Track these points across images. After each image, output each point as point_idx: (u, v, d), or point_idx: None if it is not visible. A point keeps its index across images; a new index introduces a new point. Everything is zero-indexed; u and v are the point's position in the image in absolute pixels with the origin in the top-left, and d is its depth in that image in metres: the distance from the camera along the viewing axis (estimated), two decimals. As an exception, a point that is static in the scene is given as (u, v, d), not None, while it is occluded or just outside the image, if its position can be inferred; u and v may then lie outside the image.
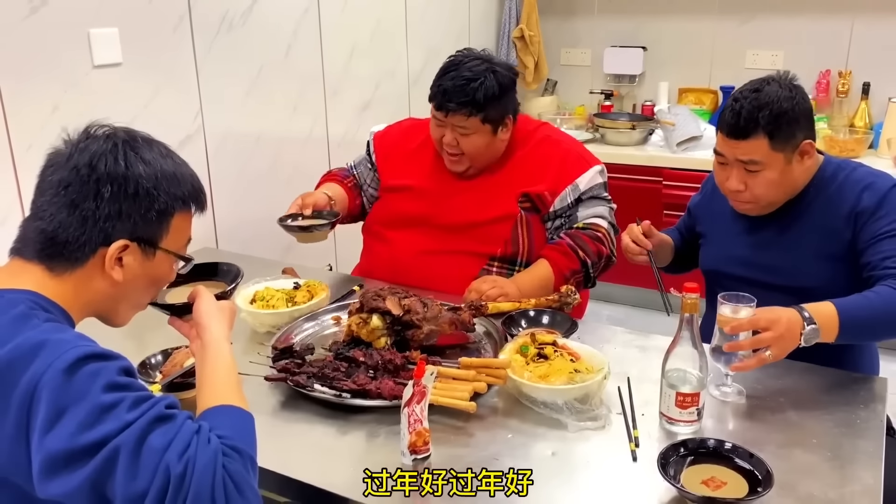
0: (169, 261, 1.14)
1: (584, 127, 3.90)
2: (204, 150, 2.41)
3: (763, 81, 1.64)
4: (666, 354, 1.36)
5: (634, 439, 1.32)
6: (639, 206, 3.12)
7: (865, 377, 1.57)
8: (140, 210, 1.06)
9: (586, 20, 4.13)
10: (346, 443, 1.36)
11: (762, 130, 1.59)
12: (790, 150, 1.62)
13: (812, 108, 1.67)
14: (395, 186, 2.15)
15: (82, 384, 0.93)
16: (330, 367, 1.50)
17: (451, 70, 1.96)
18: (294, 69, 2.73)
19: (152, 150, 1.09)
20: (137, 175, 1.06)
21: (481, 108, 1.93)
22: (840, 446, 1.32)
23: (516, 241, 2.02)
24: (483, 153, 2.01)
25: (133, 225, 1.06)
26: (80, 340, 0.98)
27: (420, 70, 3.43)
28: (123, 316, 1.17)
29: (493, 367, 1.46)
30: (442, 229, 2.05)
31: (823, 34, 3.58)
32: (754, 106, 1.60)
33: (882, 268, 1.54)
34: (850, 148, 3.31)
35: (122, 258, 1.07)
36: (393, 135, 2.26)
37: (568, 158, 2.06)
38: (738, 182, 1.66)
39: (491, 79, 1.93)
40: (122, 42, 2.08)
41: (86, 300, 1.09)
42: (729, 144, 1.64)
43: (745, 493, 1.15)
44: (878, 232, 1.58)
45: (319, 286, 1.87)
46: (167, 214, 1.10)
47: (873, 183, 1.64)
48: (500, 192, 2.04)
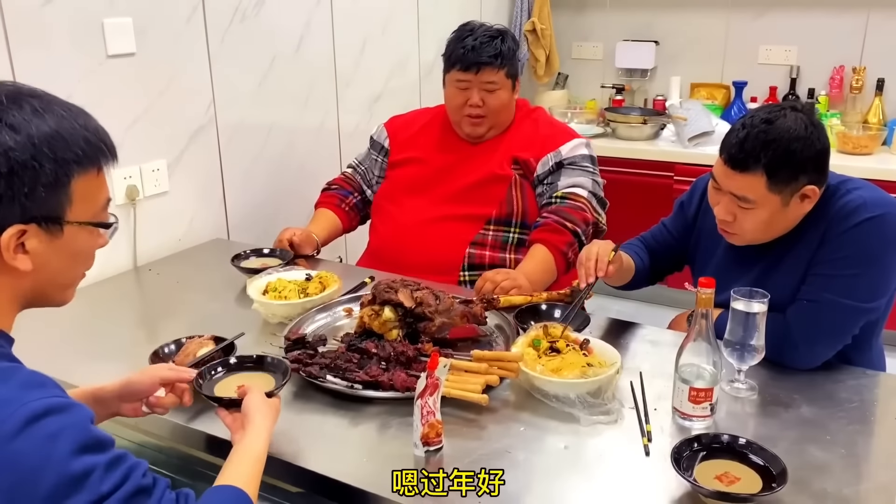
0: (84, 232, 0.98)
1: (596, 121, 3.88)
2: (216, 141, 2.41)
3: (779, 111, 1.49)
4: (679, 349, 1.36)
5: (647, 434, 1.32)
6: (650, 202, 3.12)
7: (879, 375, 1.56)
8: (23, 188, 0.88)
9: (598, 14, 4.11)
10: (358, 434, 1.36)
11: (762, 168, 1.46)
12: (789, 193, 1.48)
13: (828, 150, 1.50)
14: (399, 161, 2.26)
15: (41, 449, 0.81)
16: (342, 359, 1.50)
17: (467, 35, 2.11)
18: (306, 61, 2.73)
19: (22, 110, 0.89)
20: (6, 148, 0.87)
21: (508, 59, 2.10)
22: (854, 444, 1.31)
23: (510, 202, 2.11)
24: (504, 110, 2.15)
25: (21, 207, 0.89)
26: (26, 394, 0.83)
27: (431, 62, 3.42)
28: (60, 297, 1.03)
29: (505, 360, 1.46)
30: (441, 196, 2.15)
31: (838, 29, 3.55)
32: (761, 140, 1.46)
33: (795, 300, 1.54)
34: (863, 144, 3.29)
35: (24, 244, 0.92)
36: (400, 120, 2.37)
37: (555, 130, 2.21)
38: (726, 212, 1.55)
39: (508, 38, 2.13)
40: (136, 32, 2.08)
41: (5, 299, 0.95)
42: (725, 173, 1.52)
43: (758, 488, 1.14)
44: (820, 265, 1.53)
45: (331, 278, 1.87)
46: (60, 184, 0.92)
47: (857, 209, 1.50)
48: (497, 157, 2.15)
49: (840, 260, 1.50)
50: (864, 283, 1.50)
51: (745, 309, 1.42)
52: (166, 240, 2.29)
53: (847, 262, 1.50)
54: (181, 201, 2.32)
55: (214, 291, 1.99)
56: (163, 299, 2.02)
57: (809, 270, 1.55)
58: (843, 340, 1.54)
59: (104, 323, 1.84)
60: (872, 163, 3.20)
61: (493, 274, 1.87)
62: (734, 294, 1.43)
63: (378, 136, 2.34)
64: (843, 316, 1.51)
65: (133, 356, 1.56)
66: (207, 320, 1.80)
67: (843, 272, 1.50)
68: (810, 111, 1.52)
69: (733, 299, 1.43)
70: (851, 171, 3.08)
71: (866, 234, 1.49)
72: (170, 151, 2.26)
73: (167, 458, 1.46)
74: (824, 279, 1.52)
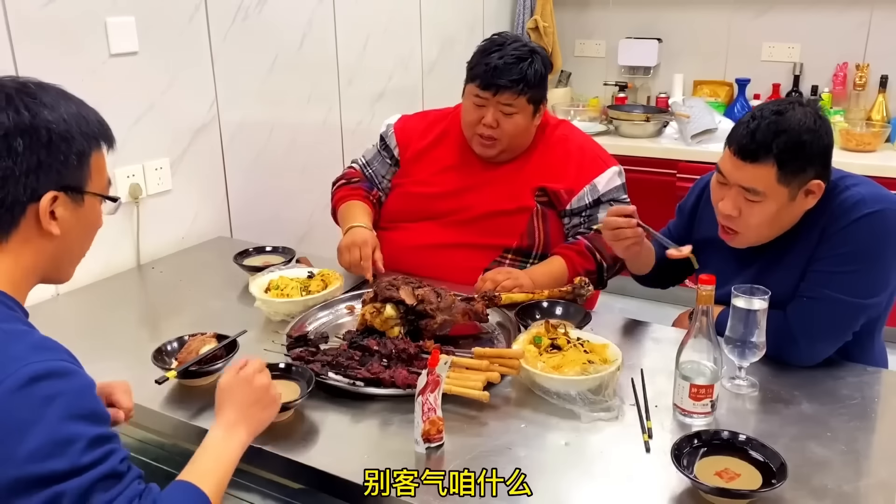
0: (97, 205, 1.09)
1: (598, 119, 3.88)
2: (219, 140, 2.42)
3: (788, 104, 1.49)
4: (680, 346, 1.36)
5: (648, 430, 1.32)
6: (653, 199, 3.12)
7: (880, 371, 1.56)
8: (59, 157, 1.01)
9: (601, 11, 4.11)
10: (360, 430, 1.37)
11: (773, 158, 1.46)
12: (796, 186, 1.48)
13: (832, 146, 1.51)
14: (412, 177, 2.14)
15: (36, 408, 0.87)
16: (344, 356, 1.51)
17: (495, 50, 1.95)
18: (309, 59, 2.73)
19: (49, 94, 1.03)
20: (46, 121, 1.00)
21: (531, 86, 1.94)
22: (855, 440, 1.31)
23: (532, 234, 2.01)
24: (521, 135, 2.01)
25: (57, 174, 1.01)
26: (33, 355, 0.91)
27: (434, 60, 3.43)
28: (66, 272, 1.12)
29: (506, 357, 1.47)
30: (457, 221, 2.04)
31: (841, 26, 3.54)
32: (772, 129, 1.46)
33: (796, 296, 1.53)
34: (866, 141, 3.29)
35: (55, 211, 1.02)
36: (413, 125, 2.22)
37: (585, 158, 2.05)
38: (732, 206, 1.53)
39: (538, 60, 1.96)
40: (139, 31, 2.09)
41: (27, 266, 1.03)
42: (734, 164, 1.51)
43: (758, 485, 1.14)
44: (819, 262, 1.52)
45: (333, 275, 1.88)
46: (87, 155, 1.05)
47: (856, 205, 1.50)
48: (518, 185, 2.03)
49: (839, 256, 1.50)
50: (863, 279, 1.50)
51: (746, 306, 1.42)
52: (169, 238, 2.30)
53: (846, 259, 1.49)
54: (184, 199, 2.32)
55: (217, 289, 2.00)
56: (166, 297, 2.03)
57: (809, 267, 1.55)
58: (844, 337, 1.54)
59: (107, 320, 1.85)
60: (876, 160, 3.20)
61: (493, 273, 1.86)
62: (735, 291, 1.43)
63: (388, 140, 2.21)
64: (843, 312, 1.51)
65: (136, 354, 1.57)
66: (210, 318, 1.81)
67: (843, 269, 1.50)
68: (815, 106, 1.52)
69: (734, 296, 1.43)
70: (854, 169, 3.07)
71: (865, 230, 1.49)
72: (172, 150, 2.27)
73: (169, 454, 1.47)
74: (824, 276, 1.52)
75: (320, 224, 2.87)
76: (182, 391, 1.46)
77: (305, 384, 1.40)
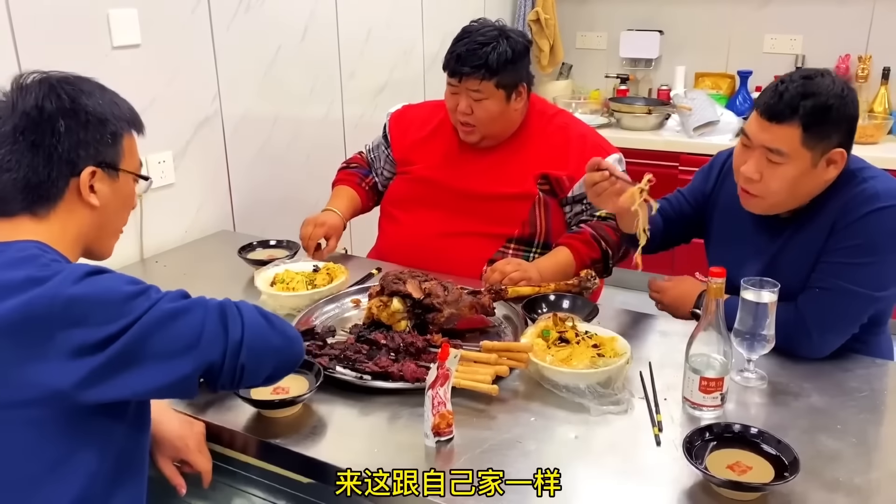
0: (131, 182, 1.21)
1: (600, 111, 3.87)
2: (221, 132, 2.41)
3: (817, 72, 1.50)
4: (690, 339, 1.36)
5: (658, 423, 1.32)
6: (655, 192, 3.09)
7: (889, 364, 1.56)
8: (97, 135, 1.12)
9: (602, 3, 4.10)
10: (368, 424, 1.36)
11: (799, 120, 1.46)
12: (820, 151, 1.48)
13: (857, 118, 1.52)
14: (410, 166, 2.15)
15: (103, 285, 1.02)
16: (352, 350, 1.50)
17: (464, 37, 1.96)
18: (311, 52, 2.72)
19: (87, 84, 1.15)
20: (84, 105, 1.12)
21: (494, 71, 1.92)
22: (865, 432, 1.31)
23: (534, 223, 2.01)
24: (496, 121, 2.00)
25: (95, 151, 1.13)
26: (89, 265, 1.06)
27: (436, 53, 3.41)
28: (107, 244, 1.23)
29: (514, 350, 1.46)
30: (458, 210, 2.05)
31: (843, 18, 3.53)
32: (800, 91, 1.46)
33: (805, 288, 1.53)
34: (868, 134, 3.28)
35: (93, 185, 1.14)
36: (410, 115, 2.25)
37: (586, 145, 2.04)
38: (754, 169, 1.53)
39: (504, 43, 1.93)
40: (141, 23, 2.07)
41: (74, 234, 1.15)
42: (760, 125, 1.51)
43: (770, 477, 1.14)
44: (831, 253, 1.53)
45: (339, 269, 1.87)
46: (120, 136, 1.16)
47: (870, 198, 1.50)
48: (517, 171, 2.03)
49: (852, 248, 1.50)
50: (874, 271, 1.50)
51: (755, 299, 1.42)
52: (173, 231, 2.29)
53: (858, 251, 1.49)
54: (187, 193, 2.31)
55: (221, 283, 1.99)
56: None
57: (821, 258, 1.54)
58: (853, 329, 1.54)
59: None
60: (878, 152, 3.19)
61: (502, 264, 1.85)
62: (744, 283, 1.43)
63: (385, 131, 2.25)
64: (853, 304, 1.51)
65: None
66: (215, 312, 1.80)
67: (856, 260, 1.50)
68: (843, 78, 1.52)
69: (743, 289, 1.43)
70: (857, 161, 3.11)
71: (879, 223, 1.49)
72: (175, 143, 2.25)
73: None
74: (835, 267, 1.51)
75: (323, 217, 2.86)
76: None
77: (314, 378, 1.39)
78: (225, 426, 1.35)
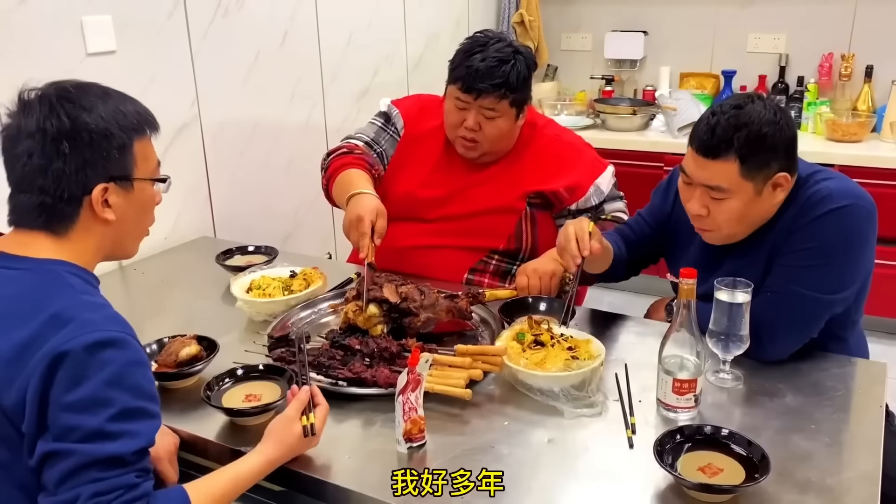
0: (148, 187, 1.20)
1: (585, 112, 3.87)
2: (200, 139, 2.40)
3: (746, 98, 1.48)
4: (663, 341, 1.35)
5: (631, 426, 1.32)
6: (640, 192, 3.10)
7: (864, 362, 1.56)
8: (103, 153, 1.11)
9: (586, 5, 4.10)
10: (342, 431, 1.35)
11: (735, 153, 1.43)
12: (762, 180, 1.46)
13: (796, 137, 1.49)
14: (399, 173, 2.08)
15: (91, 368, 1.00)
16: (326, 356, 1.50)
17: (477, 51, 1.88)
18: (291, 56, 2.71)
19: (87, 95, 1.13)
20: (84, 123, 1.10)
21: (513, 90, 1.88)
22: (839, 432, 1.31)
23: (520, 237, 1.99)
24: (503, 138, 1.97)
25: (103, 168, 1.12)
26: (104, 324, 1.05)
27: (419, 56, 3.41)
28: (131, 247, 1.25)
29: (489, 354, 1.46)
30: (444, 223, 2.01)
31: (826, 17, 3.54)
32: (732, 124, 1.43)
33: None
34: (852, 132, 3.29)
35: (108, 199, 1.14)
36: (413, 110, 2.15)
37: (583, 158, 2.04)
38: (699, 206, 1.51)
39: (521, 62, 1.90)
40: (116, 29, 2.06)
41: (94, 248, 1.16)
42: (697, 163, 1.49)
43: (741, 479, 1.14)
44: (784, 256, 1.51)
45: (316, 274, 1.86)
46: (128, 147, 1.14)
47: (822, 199, 1.48)
48: (506, 186, 1.99)
49: (805, 251, 1.48)
50: (829, 274, 1.47)
51: (729, 299, 1.41)
52: (152, 238, 2.21)
53: (812, 254, 1.47)
54: (166, 199, 2.23)
55: (200, 290, 1.98)
56: (147, 299, 2.01)
57: (775, 261, 1.53)
58: (809, 333, 1.51)
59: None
60: (862, 150, 3.20)
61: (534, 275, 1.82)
62: (717, 284, 1.42)
63: (393, 117, 2.13)
64: (806, 308, 1.48)
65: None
66: (192, 319, 1.80)
67: (808, 263, 1.47)
68: (773, 100, 1.49)
69: (717, 289, 1.42)
70: (841, 159, 3.11)
71: (831, 225, 1.46)
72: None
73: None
74: (789, 270, 1.50)
75: (305, 222, 2.85)
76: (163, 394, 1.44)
77: (286, 385, 1.39)
78: (199, 435, 1.34)
